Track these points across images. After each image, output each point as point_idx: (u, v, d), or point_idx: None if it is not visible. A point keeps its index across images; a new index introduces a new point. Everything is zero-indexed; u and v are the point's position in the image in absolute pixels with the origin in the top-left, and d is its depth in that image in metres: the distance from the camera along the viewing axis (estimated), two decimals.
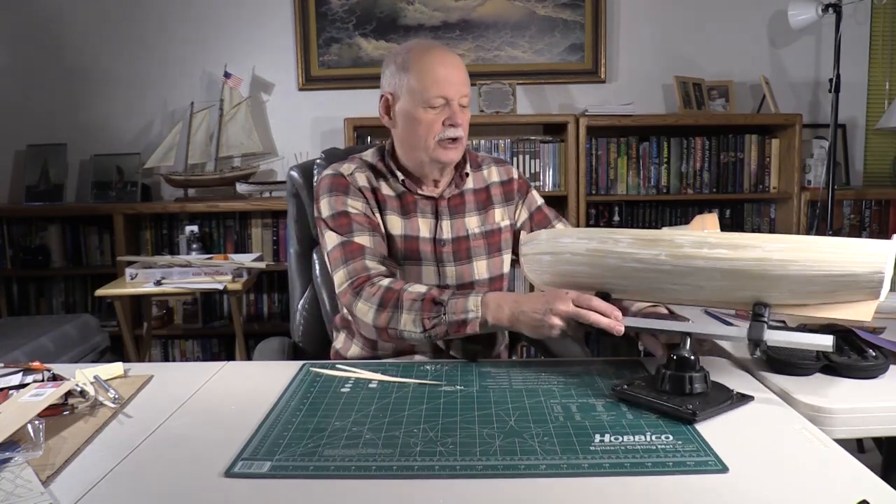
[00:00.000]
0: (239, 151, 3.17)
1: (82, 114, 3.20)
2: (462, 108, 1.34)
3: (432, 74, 1.30)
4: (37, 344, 2.31)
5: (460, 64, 1.34)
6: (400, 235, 1.36)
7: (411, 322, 1.19)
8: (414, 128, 1.33)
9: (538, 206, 1.51)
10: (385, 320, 1.21)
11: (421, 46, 1.35)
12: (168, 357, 3.19)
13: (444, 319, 1.17)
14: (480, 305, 1.16)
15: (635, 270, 1.02)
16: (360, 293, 1.25)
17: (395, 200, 1.38)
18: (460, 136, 1.34)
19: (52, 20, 3.15)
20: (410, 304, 1.19)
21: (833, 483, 0.75)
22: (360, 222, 1.33)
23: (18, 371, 1.10)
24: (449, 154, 1.34)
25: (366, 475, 0.78)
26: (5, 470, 0.79)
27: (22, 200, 3.15)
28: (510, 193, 1.48)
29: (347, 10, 3.13)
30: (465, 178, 1.43)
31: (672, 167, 3.11)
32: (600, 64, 3.17)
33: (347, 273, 1.28)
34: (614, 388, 1.01)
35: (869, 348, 1.12)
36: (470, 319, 1.16)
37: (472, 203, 1.43)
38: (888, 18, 3.20)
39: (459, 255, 1.39)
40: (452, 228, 1.39)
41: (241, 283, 2.47)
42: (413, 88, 1.31)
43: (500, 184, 1.48)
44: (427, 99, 1.30)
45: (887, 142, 3.26)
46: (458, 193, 1.42)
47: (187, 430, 0.93)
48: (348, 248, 1.30)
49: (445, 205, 1.40)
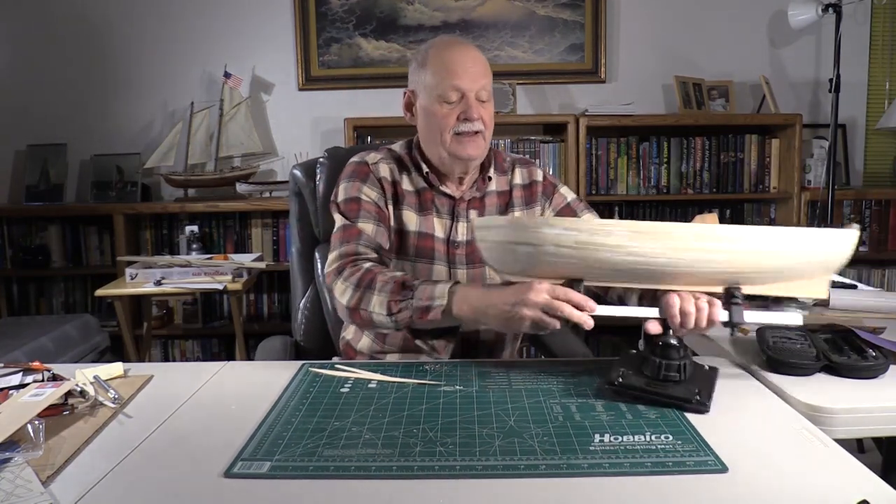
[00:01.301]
0: (239, 151, 3.17)
1: (82, 114, 3.20)
2: (481, 103, 1.31)
3: (447, 68, 1.29)
4: (37, 344, 2.31)
5: (479, 57, 1.33)
6: (414, 232, 1.35)
7: (379, 304, 1.16)
8: (430, 122, 1.32)
9: (567, 202, 1.45)
10: (357, 301, 1.19)
11: (441, 42, 1.35)
12: (168, 357, 3.20)
13: (410, 304, 1.13)
14: (447, 294, 1.12)
15: (628, 263, 0.99)
16: (342, 272, 1.23)
17: (413, 196, 1.37)
18: (479, 129, 1.30)
19: (52, 20, 3.15)
20: (382, 286, 1.17)
21: (833, 483, 0.75)
22: (369, 210, 1.32)
23: (18, 371, 1.10)
24: (467, 149, 1.30)
25: (365, 475, 0.78)
26: (5, 470, 0.79)
27: (22, 200, 3.15)
28: (532, 196, 1.43)
29: (347, 10, 3.13)
30: (489, 181, 1.40)
31: (672, 167, 3.11)
32: (600, 64, 3.17)
33: (339, 255, 1.27)
34: (609, 384, 0.99)
35: (869, 348, 1.12)
36: (434, 307, 1.12)
37: (492, 207, 1.40)
38: (888, 18, 3.20)
39: (472, 259, 1.36)
40: (468, 231, 1.37)
41: (241, 283, 2.47)
42: (429, 83, 1.31)
43: (521, 186, 1.43)
44: (441, 93, 1.29)
45: (887, 142, 3.26)
46: (480, 197, 1.39)
47: (187, 430, 0.93)
48: (347, 232, 1.30)
49: (464, 207, 1.37)
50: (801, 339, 1.18)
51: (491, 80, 1.36)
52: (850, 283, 1.77)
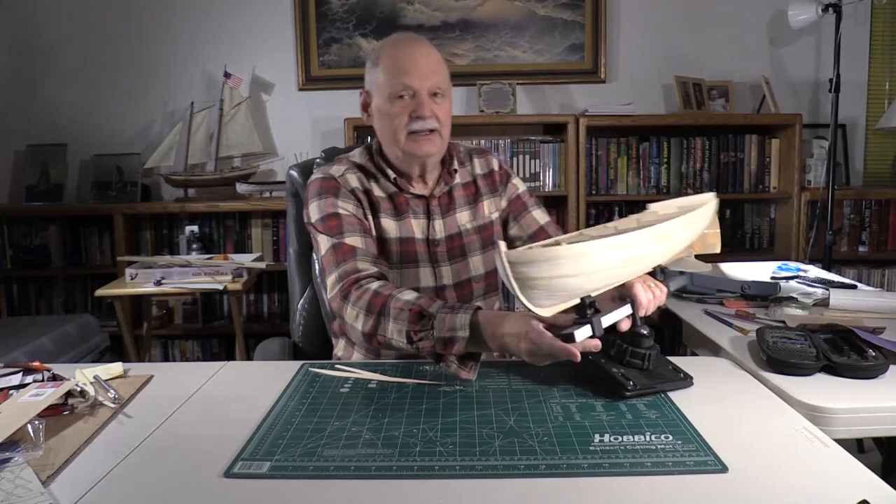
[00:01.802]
0: (239, 151, 3.17)
1: (82, 114, 3.20)
2: (433, 98, 1.29)
3: (397, 66, 1.28)
4: (37, 344, 2.31)
5: (431, 53, 1.31)
6: (395, 238, 1.34)
7: (397, 332, 1.12)
8: (384, 122, 1.31)
9: (517, 194, 1.47)
10: (372, 327, 1.15)
11: (392, 40, 1.34)
12: (168, 357, 3.19)
13: (431, 334, 1.08)
14: (468, 326, 1.06)
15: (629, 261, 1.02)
16: (348, 297, 1.19)
17: (387, 202, 1.35)
18: (433, 127, 1.28)
19: (52, 20, 3.15)
20: (397, 314, 1.12)
21: (833, 483, 0.75)
22: (351, 223, 1.29)
23: (18, 371, 1.10)
24: (422, 146, 1.29)
25: (365, 475, 0.78)
26: (5, 470, 0.79)
27: (22, 200, 3.15)
28: (494, 185, 1.46)
29: (347, 10, 3.13)
30: (454, 174, 1.40)
31: (672, 167, 3.11)
32: (600, 64, 3.17)
33: (338, 276, 1.23)
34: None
35: (869, 348, 1.12)
36: (458, 338, 1.05)
37: (461, 198, 1.41)
38: (888, 18, 3.20)
39: (454, 254, 1.38)
40: (445, 227, 1.38)
41: (241, 283, 2.47)
42: (381, 82, 1.30)
43: (482, 176, 1.45)
44: (392, 91, 1.28)
45: (887, 142, 3.26)
46: (447, 191, 1.40)
47: (187, 430, 0.93)
48: (340, 251, 1.26)
49: (437, 204, 1.38)
50: (801, 339, 1.18)
51: (446, 76, 1.33)
52: (850, 283, 1.77)
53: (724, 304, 1.56)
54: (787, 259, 2.58)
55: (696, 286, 1.64)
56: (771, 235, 3.22)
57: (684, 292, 1.64)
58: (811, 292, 1.65)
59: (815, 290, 1.67)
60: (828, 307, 1.49)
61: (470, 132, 3.14)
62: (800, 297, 1.59)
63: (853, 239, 3.16)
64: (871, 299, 1.52)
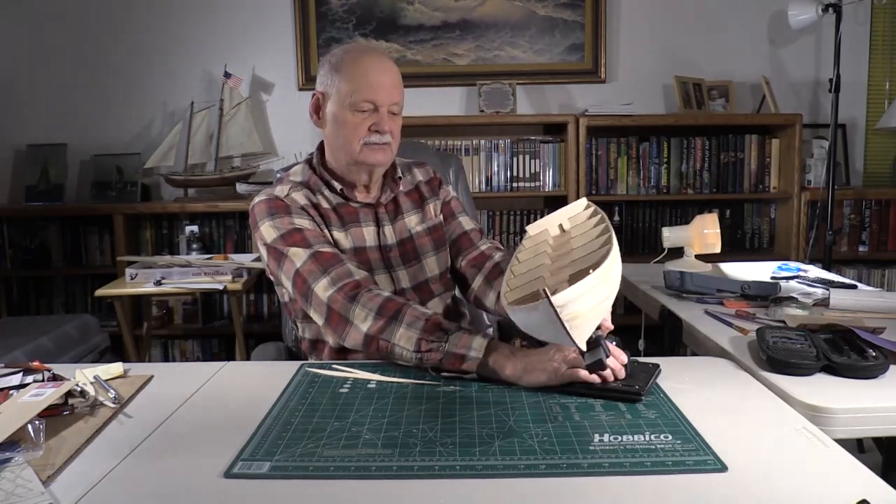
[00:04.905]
0: (239, 151, 3.17)
1: (82, 114, 3.20)
2: (392, 115, 1.32)
3: (363, 78, 1.29)
4: (37, 344, 2.31)
5: (393, 70, 1.33)
6: (350, 249, 1.33)
7: (406, 338, 1.13)
8: (340, 130, 1.32)
9: (448, 200, 1.51)
10: (379, 329, 1.15)
11: (356, 49, 1.35)
12: (168, 357, 3.19)
13: (443, 347, 1.10)
14: (484, 349, 1.08)
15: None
16: (357, 298, 1.19)
17: (333, 214, 1.35)
18: (388, 141, 1.32)
19: (52, 20, 3.14)
20: (413, 321, 1.14)
21: (833, 483, 0.75)
22: (316, 235, 1.29)
23: (18, 371, 1.10)
24: (375, 155, 1.31)
25: (365, 475, 0.78)
26: (5, 470, 0.79)
27: (22, 200, 3.15)
28: (434, 189, 1.50)
29: (347, 10, 3.13)
30: (399, 181, 1.44)
31: (672, 167, 3.11)
32: (600, 64, 3.17)
33: (332, 279, 1.22)
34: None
35: (869, 348, 1.12)
36: (470, 357, 1.08)
37: (407, 204, 1.44)
38: (888, 18, 3.20)
39: (408, 257, 1.39)
40: (395, 232, 1.40)
41: (241, 283, 2.47)
42: (342, 91, 1.30)
43: (424, 182, 1.50)
44: (355, 102, 1.29)
45: (887, 142, 3.26)
46: (393, 199, 1.43)
47: (187, 430, 0.93)
48: (321, 258, 1.24)
49: (384, 211, 1.40)
50: (801, 339, 1.18)
51: (403, 94, 1.35)
52: (850, 283, 1.77)
53: (725, 304, 1.56)
54: (787, 259, 2.58)
55: (696, 286, 1.64)
56: (771, 235, 3.22)
57: (684, 292, 1.64)
58: (811, 292, 1.65)
59: (815, 290, 1.67)
60: (828, 307, 1.49)
61: (470, 132, 3.14)
62: (800, 297, 1.59)
63: (853, 239, 3.16)
64: (871, 299, 1.52)
